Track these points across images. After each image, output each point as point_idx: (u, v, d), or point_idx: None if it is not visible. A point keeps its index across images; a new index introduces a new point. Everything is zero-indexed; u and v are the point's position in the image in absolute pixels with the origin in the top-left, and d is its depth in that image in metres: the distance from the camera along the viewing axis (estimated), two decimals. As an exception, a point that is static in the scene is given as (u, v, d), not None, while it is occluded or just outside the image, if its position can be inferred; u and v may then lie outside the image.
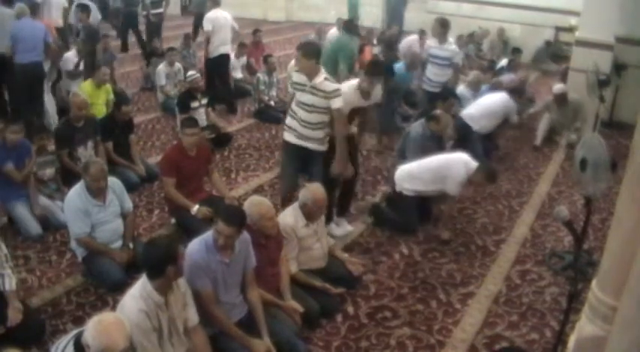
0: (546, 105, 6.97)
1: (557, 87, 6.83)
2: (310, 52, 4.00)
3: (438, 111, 5.19)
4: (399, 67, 6.92)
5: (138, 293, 2.64)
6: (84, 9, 7.36)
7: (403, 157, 5.09)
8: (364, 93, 4.32)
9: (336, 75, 5.67)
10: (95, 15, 8.46)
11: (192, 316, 2.86)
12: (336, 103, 3.99)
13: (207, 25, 7.14)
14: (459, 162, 4.45)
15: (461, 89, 6.91)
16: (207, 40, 7.17)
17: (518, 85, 7.21)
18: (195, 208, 4.20)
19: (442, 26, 6.28)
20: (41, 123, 6.06)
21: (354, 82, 4.43)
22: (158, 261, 2.62)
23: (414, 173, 4.58)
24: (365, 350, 3.31)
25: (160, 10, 9.95)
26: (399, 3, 11.73)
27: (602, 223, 4.89)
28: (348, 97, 4.16)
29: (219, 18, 7.21)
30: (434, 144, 5.06)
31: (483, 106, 6.10)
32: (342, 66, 6.29)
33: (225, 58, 7.38)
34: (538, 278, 4.10)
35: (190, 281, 2.87)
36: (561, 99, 6.66)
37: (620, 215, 2.51)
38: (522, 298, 3.86)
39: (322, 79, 4.00)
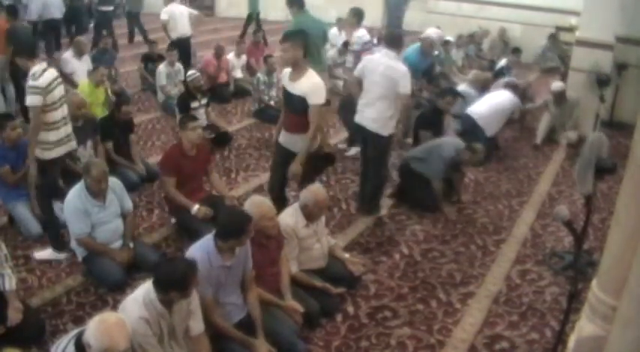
0: (545, 102, 6.97)
1: (556, 84, 6.84)
2: None
3: (479, 145, 5.06)
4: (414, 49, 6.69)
5: (141, 299, 2.61)
6: (9, 10, 6.88)
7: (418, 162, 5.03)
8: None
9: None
10: (60, 8, 9.17)
11: (197, 325, 2.83)
12: (26, 101, 3.81)
13: (163, 15, 8.23)
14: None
15: (464, 87, 6.90)
16: (164, 28, 8.25)
17: (523, 88, 7.20)
18: (195, 208, 4.20)
19: (354, 16, 6.38)
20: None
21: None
22: (166, 282, 2.58)
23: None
24: (365, 350, 3.31)
25: (110, 8, 10.30)
26: (400, 3, 11.72)
27: (602, 223, 4.89)
28: None
29: (174, 12, 8.23)
30: (456, 165, 5.03)
31: (493, 106, 6.11)
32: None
33: (184, 41, 8.25)
34: (538, 278, 4.10)
35: None
36: (560, 96, 6.67)
37: (620, 215, 2.51)
38: (522, 298, 3.86)
39: None
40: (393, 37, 4.75)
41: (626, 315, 2.27)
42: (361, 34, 6.58)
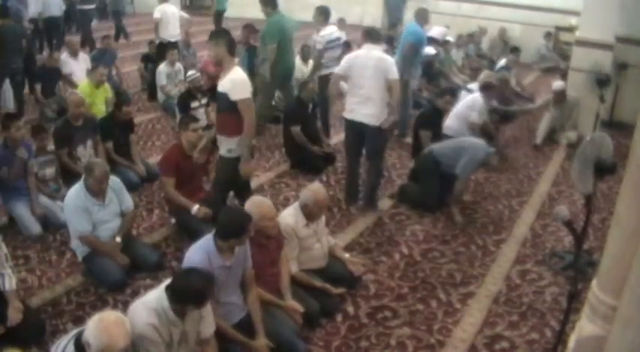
0: (545, 102, 6.97)
1: (557, 84, 6.84)
2: None
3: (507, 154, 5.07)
4: (412, 25, 6.66)
5: (153, 306, 2.57)
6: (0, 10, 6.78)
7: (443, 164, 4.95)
8: None
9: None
10: (60, 6, 9.33)
11: (207, 328, 2.81)
12: None
13: (156, 13, 8.19)
14: None
15: (477, 86, 6.88)
16: (156, 27, 8.16)
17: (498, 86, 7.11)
18: (195, 208, 4.20)
19: (320, 14, 6.43)
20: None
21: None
22: (183, 295, 2.56)
23: None
24: (365, 350, 3.31)
25: (91, 6, 10.38)
26: (399, 3, 11.73)
27: (602, 223, 4.89)
28: None
29: (167, 12, 8.26)
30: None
31: (455, 110, 6.01)
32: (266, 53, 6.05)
33: (173, 44, 8.15)
34: (538, 278, 4.10)
35: None
36: (560, 96, 6.67)
37: (620, 215, 2.51)
38: (522, 298, 3.86)
39: None
40: (373, 33, 4.83)
41: (626, 315, 2.27)
42: (324, 33, 6.33)
